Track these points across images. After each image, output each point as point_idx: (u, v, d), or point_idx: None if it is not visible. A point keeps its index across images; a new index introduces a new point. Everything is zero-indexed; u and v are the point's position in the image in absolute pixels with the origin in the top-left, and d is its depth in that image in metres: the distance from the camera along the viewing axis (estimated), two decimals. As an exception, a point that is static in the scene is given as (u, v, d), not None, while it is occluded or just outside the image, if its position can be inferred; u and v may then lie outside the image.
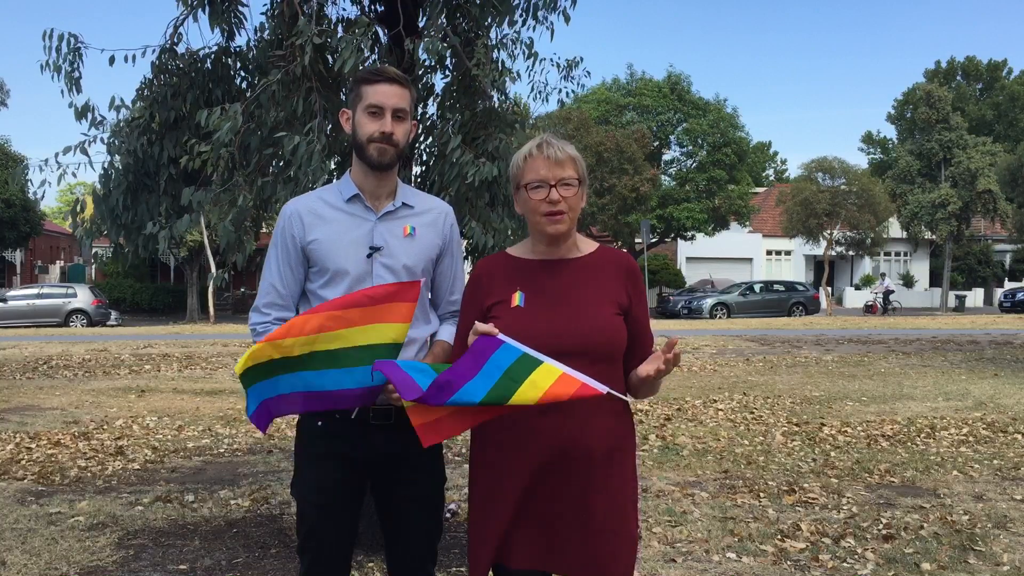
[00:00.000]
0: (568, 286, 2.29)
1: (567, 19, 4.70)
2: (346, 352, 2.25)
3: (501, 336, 2.14)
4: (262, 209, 4.10)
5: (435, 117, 4.69)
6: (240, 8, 4.46)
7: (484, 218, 4.23)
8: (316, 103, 3.87)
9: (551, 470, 2.20)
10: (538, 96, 4.91)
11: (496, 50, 4.39)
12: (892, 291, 35.96)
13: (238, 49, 4.57)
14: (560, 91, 5.00)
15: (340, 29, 4.33)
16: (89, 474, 6.29)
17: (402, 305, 2.25)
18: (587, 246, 2.39)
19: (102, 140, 4.34)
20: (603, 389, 2.06)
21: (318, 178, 3.60)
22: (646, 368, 2.19)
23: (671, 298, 34.60)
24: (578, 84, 4.98)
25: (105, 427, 8.28)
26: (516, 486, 2.22)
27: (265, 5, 4.43)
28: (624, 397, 2.14)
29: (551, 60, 4.83)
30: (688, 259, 43.09)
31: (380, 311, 2.24)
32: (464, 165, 3.97)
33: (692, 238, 37.68)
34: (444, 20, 4.20)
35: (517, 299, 2.27)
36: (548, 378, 2.07)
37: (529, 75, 4.77)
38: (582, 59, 4.91)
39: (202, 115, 3.77)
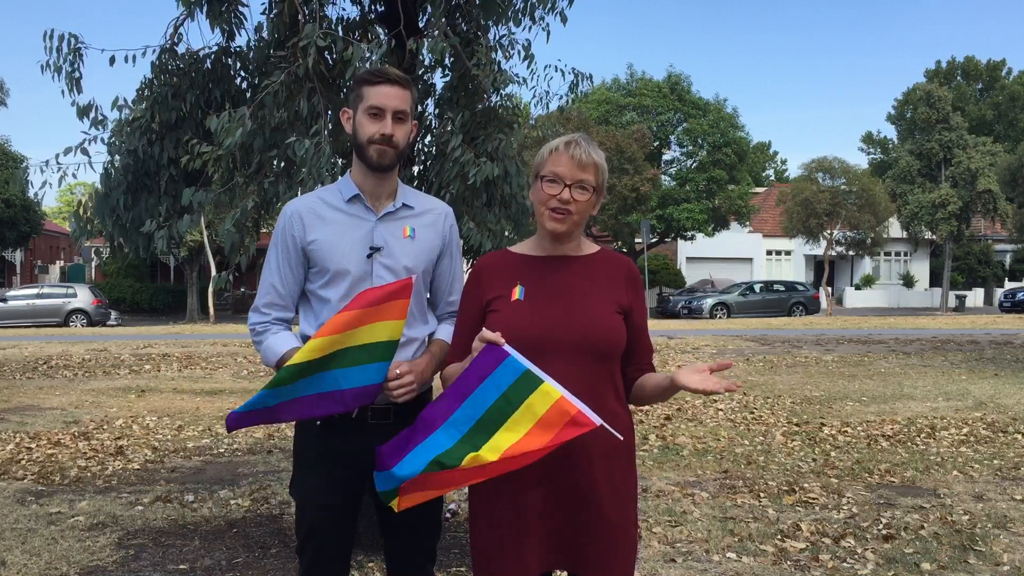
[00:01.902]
0: (569, 282, 2.30)
1: (564, 20, 4.70)
2: (345, 352, 2.26)
3: (507, 348, 2.11)
4: (263, 210, 4.10)
5: (434, 116, 4.70)
6: (240, 8, 4.46)
7: (480, 218, 4.23)
8: (320, 104, 3.88)
9: (551, 469, 2.20)
10: (540, 102, 4.93)
11: (494, 51, 4.39)
12: None
13: (238, 49, 4.57)
14: (562, 98, 5.02)
15: (340, 29, 4.34)
16: (89, 474, 6.29)
17: (397, 303, 2.25)
18: (590, 248, 2.40)
19: (102, 140, 4.35)
20: (597, 421, 2.04)
21: (326, 179, 3.61)
22: (697, 384, 2.09)
23: (671, 298, 34.61)
24: (580, 95, 5.00)
25: (105, 427, 8.28)
26: (516, 487, 2.22)
27: (263, 5, 4.43)
28: (619, 436, 2.09)
29: (555, 67, 4.84)
30: (688, 259, 43.09)
31: (378, 311, 2.25)
32: (466, 164, 3.97)
33: (692, 238, 37.68)
34: (444, 20, 4.20)
35: (517, 293, 2.28)
36: (545, 402, 2.05)
37: (532, 79, 4.78)
38: (591, 76, 4.93)
39: (212, 122, 3.76)
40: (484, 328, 2.17)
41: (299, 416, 2.35)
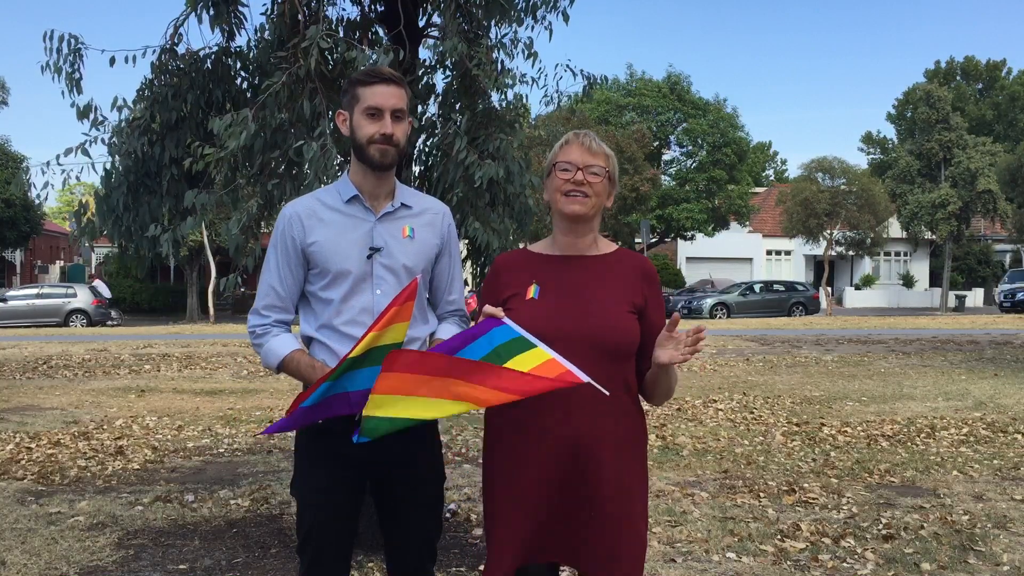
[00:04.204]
0: (584, 281, 2.32)
1: (566, 19, 4.70)
2: (356, 357, 2.26)
3: (505, 320, 2.18)
4: (267, 211, 4.11)
5: (436, 117, 4.69)
6: (240, 8, 4.46)
7: (484, 218, 4.23)
8: (321, 104, 3.88)
9: (563, 469, 2.22)
10: (551, 102, 4.96)
11: (496, 50, 4.40)
12: (107, 299, 28.81)
13: (238, 49, 4.57)
14: (569, 98, 5.04)
15: (341, 29, 4.34)
16: (89, 474, 6.29)
17: (405, 307, 2.26)
18: (607, 247, 2.42)
19: (103, 141, 4.34)
20: (584, 378, 2.04)
21: (331, 180, 3.62)
22: (664, 356, 2.20)
23: (671, 298, 34.61)
24: (588, 96, 5.04)
25: (105, 427, 8.28)
26: (529, 485, 2.24)
27: (265, 5, 4.43)
28: (604, 391, 2.10)
29: (566, 67, 4.87)
30: (688, 259, 43.09)
31: (391, 320, 2.25)
32: (470, 166, 3.97)
33: (692, 238, 37.68)
34: (455, 21, 4.20)
35: (532, 291, 2.31)
36: (535, 360, 2.09)
37: (541, 79, 4.80)
38: (605, 78, 4.96)
39: (215, 123, 3.76)
40: (487, 306, 2.23)
41: (316, 419, 2.35)
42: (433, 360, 2.12)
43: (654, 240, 35.37)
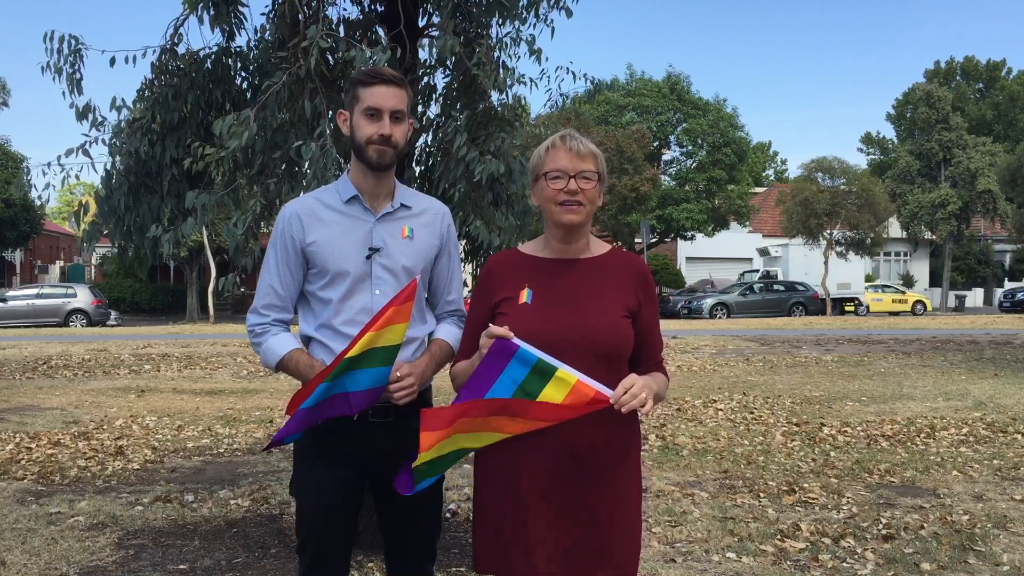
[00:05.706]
0: (577, 286, 2.29)
1: (569, 13, 4.70)
2: (357, 357, 2.26)
3: (516, 340, 2.13)
4: (268, 211, 4.11)
5: (437, 116, 4.70)
6: (240, 8, 4.46)
7: (487, 217, 4.23)
8: (322, 104, 3.88)
9: (558, 472, 2.20)
10: (555, 106, 4.97)
11: (496, 50, 4.40)
12: None
13: (238, 49, 4.58)
14: (572, 100, 5.06)
15: (341, 29, 4.34)
16: (89, 474, 6.29)
17: (404, 307, 2.26)
18: (600, 248, 2.39)
19: (103, 141, 4.34)
20: (609, 393, 2.09)
21: (330, 180, 3.62)
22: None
23: (671, 298, 34.62)
24: (593, 97, 5.09)
25: (105, 427, 8.28)
26: (523, 489, 2.22)
27: (265, 5, 4.44)
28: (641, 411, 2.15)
29: (567, 69, 4.88)
30: (688, 259, 43.09)
31: (389, 320, 2.25)
32: (471, 162, 3.97)
33: (692, 238, 37.67)
34: (451, 20, 4.20)
35: (525, 296, 2.28)
36: (563, 388, 2.09)
37: (544, 80, 4.82)
38: (611, 82, 5.00)
39: (218, 124, 3.76)
40: (491, 325, 2.18)
41: (316, 420, 2.35)
42: (467, 409, 2.15)
43: (654, 240, 35.36)
